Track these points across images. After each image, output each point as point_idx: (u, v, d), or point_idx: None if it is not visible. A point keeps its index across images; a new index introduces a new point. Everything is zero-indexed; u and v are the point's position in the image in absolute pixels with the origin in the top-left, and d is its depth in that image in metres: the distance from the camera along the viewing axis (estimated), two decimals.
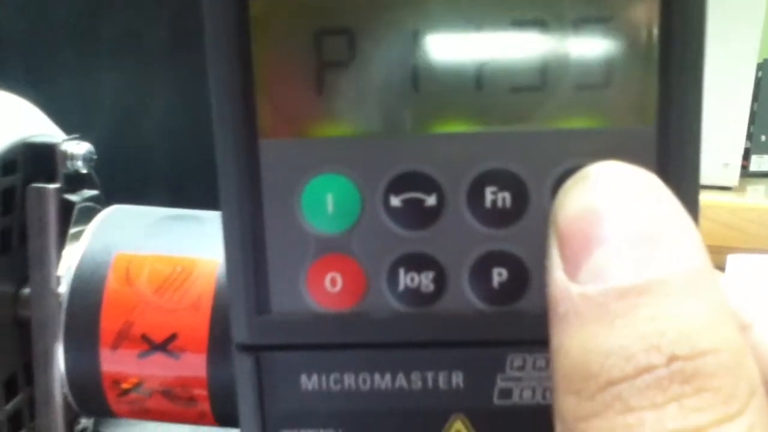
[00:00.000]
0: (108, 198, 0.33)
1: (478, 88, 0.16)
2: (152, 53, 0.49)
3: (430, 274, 0.16)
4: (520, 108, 0.16)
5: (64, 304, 0.27)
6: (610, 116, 0.16)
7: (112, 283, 0.27)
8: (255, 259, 0.16)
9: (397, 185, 0.16)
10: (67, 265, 0.28)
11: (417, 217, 0.16)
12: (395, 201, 0.16)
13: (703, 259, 0.13)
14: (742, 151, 1.02)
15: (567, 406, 0.13)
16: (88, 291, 0.27)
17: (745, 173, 1.07)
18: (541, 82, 0.16)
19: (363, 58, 0.16)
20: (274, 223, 0.16)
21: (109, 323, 0.27)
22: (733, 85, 0.99)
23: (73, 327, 0.27)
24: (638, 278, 0.12)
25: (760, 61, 1.04)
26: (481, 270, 0.16)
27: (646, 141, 0.15)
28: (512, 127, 0.16)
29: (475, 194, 0.16)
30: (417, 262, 0.16)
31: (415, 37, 0.16)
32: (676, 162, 0.15)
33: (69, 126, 0.34)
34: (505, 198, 0.16)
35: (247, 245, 0.16)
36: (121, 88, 0.50)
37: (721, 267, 0.83)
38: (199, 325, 0.26)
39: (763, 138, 1.10)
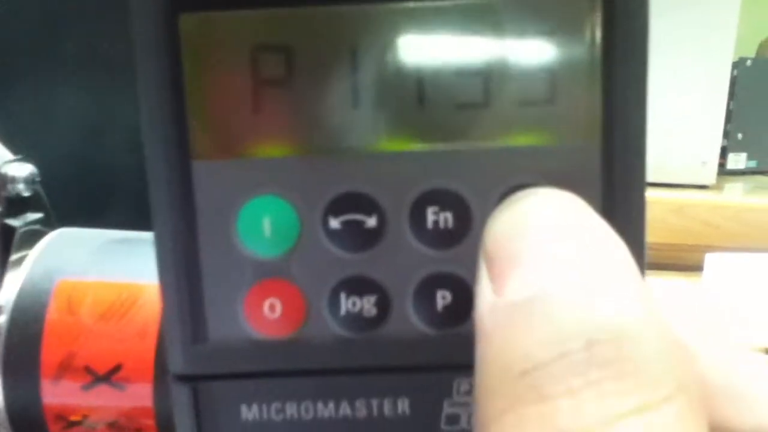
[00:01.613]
0: (70, 218, 0.32)
1: (419, 105, 0.15)
2: (112, 68, 0.48)
3: (373, 298, 0.16)
4: (463, 125, 0.15)
5: (3, 335, 0.26)
6: (554, 133, 0.15)
7: (53, 313, 0.26)
8: (190, 285, 0.15)
9: (336, 207, 0.15)
10: (6, 294, 0.27)
11: (357, 239, 0.15)
12: (334, 223, 0.15)
13: (630, 269, 0.12)
14: (719, 150, 1.02)
15: (481, 408, 0.12)
16: (28, 321, 0.26)
17: (723, 171, 1.07)
18: (483, 99, 0.15)
19: (301, 75, 0.15)
20: (209, 248, 0.15)
21: (50, 354, 0.26)
22: (710, 84, 0.99)
23: (13, 359, 0.26)
24: (560, 282, 0.12)
25: (736, 59, 1.05)
26: (424, 293, 0.16)
27: (591, 157, 0.15)
28: (455, 145, 0.15)
29: (417, 215, 0.15)
30: (358, 285, 0.16)
31: (355, 54, 0.15)
32: (620, 177, 0.15)
33: (28, 144, 0.33)
34: (447, 218, 0.15)
35: (181, 271, 0.15)
36: (81, 104, 0.49)
37: (699, 266, 0.83)
38: (145, 354, 0.25)
39: (740, 136, 1.10)
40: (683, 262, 0.87)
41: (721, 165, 1.06)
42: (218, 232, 0.15)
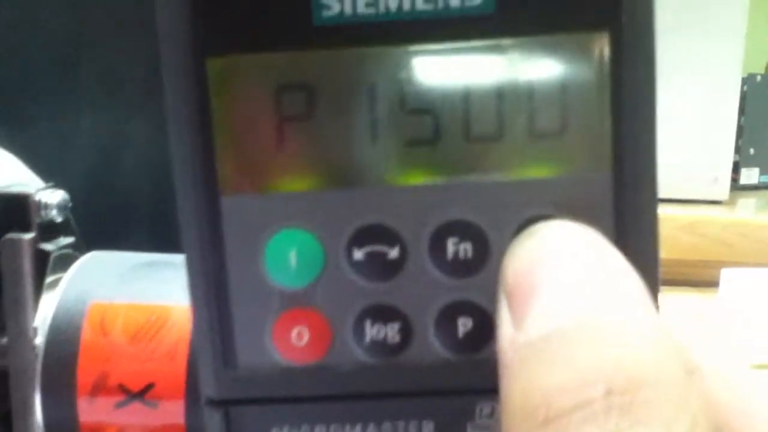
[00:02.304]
0: (88, 241, 0.33)
1: (435, 139, 0.16)
2: (131, 94, 0.49)
3: (396, 325, 0.16)
4: (478, 158, 0.16)
5: (41, 355, 0.27)
6: (566, 164, 0.16)
7: (87, 334, 0.27)
8: (220, 314, 0.16)
9: (360, 238, 0.16)
10: (42, 316, 0.28)
11: (380, 269, 0.16)
12: (358, 254, 0.16)
13: (644, 301, 0.13)
14: (731, 165, 1.03)
15: None
16: (64, 342, 0.27)
17: (735, 187, 1.07)
18: (497, 133, 0.16)
19: (322, 113, 0.16)
20: (238, 279, 0.16)
21: (85, 374, 0.27)
22: (720, 100, 1.00)
23: (51, 378, 0.27)
24: (578, 320, 0.13)
25: (745, 75, 1.05)
26: (445, 320, 0.16)
27: (603, 186, 0.16)
28: (470, 178, 0.16)
29: (437, 246, 0.16)
30: (382, 313, 0.16)
31: (372, 92, 0.16)
32: (632, 205, 0.16)
33: (47, 168, 0.34)
34: (466, 248, 0.16)
35: (212, 301, 0.16)
36: (100, 130, 0.50)
37: (712, 282, 0.83)
38: (176, 373, 0.26)
39: (752, 151, 1.10)
40: (696, 278, 0.87)
41: (734, 180, 1.06)
42: (246, 264, 0.16)
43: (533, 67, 0.16)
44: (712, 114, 1.00)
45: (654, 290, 0.14)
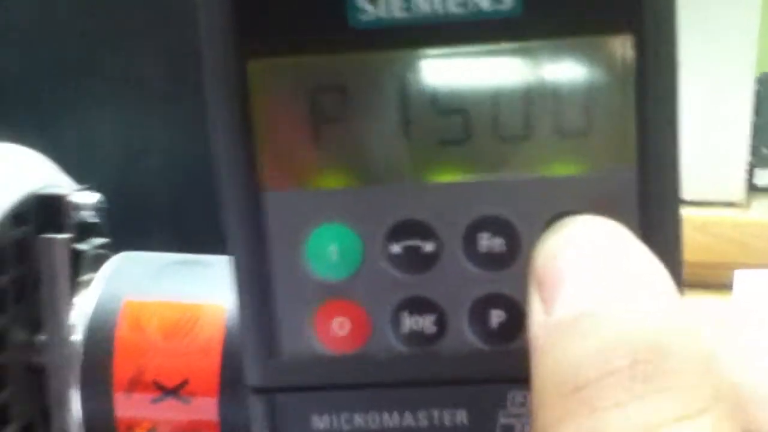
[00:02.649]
0: (111, 240, 0.33)
1: (466, 138, 0.16)
2: (153, 96, 0.50)
3: (431, 317, 0.17)
4: (508, 157, 0.16)
5: (78, 352, 0.28)
6: (592, 162, 0.16)
7: (122, 331, 0.28)
8: (264, 306, 0.17)
9: (397, 233, 0.17)
10: (78, 313, 0.29)
11: (416, 262, 0.17)
12: (395, 248, 0.17)
13: (668, 288, 0.14)
14: (745, 166, 1.02)
15: (538, 419, 0.13)
16: (100, 338, 0.28)
17: (750, 188, 1.07)
18: (526, 132, 0.16)
19: (358, 113, 0.16)
20: (280, 272, 0.17)
21: (121, 370, 0.27)
22: (733, 101, 0.99)
23: (89, 374, 0.28)
24: (605, 303, 0.13)
25: (758, 75, 1.05)
26: (479, 312, 0.17)
27: (628, 183, 0.16)
28: (501, 175, 0.16)
29: (470, 240, 0.17)
30: (418, 305, 0.17)
31: (405, 94, 0.16)
32: (656, 201, 0.16)
33: (71, 169, 0.35)
34: (498, 243, 0.16)
35: (256, 293, 0.17)
36: (122, 131, 0.51)
37: (726, 283, 0.83)
38: (210, 369, 0.27)
39: (766, 151, 1.10)
40: (710, 280, 0.86)
41: (748, 181, 1.06)
42: (288, 258, 0.17)
43: (560, 69, 0.16)
44: (725, 114, 1.00)
45: (677, 281, 0.14)
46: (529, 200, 0.16)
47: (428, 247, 0.17)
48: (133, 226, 0.35)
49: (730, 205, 1.00)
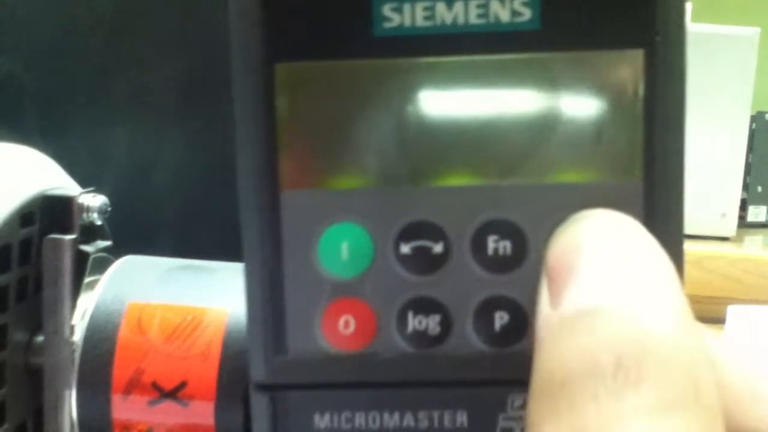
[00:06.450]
0: (117, 248, 0.34)
1: (477, 144, 0.17)
2: (163, 109, 0.50)
3: (437, 317, 0.17)
4: (518, 163, 0.17)
5: (78, 352, 0.28)
6: (600, 171, 0.17)
7: (124, 332, 0.28)
8: (274, 301, 0.17)
9: (407, 234, 0.17)
10: (80, 314, 0.29)
11: (425, 263, 0.17)
12: (405, 248, 0.17)
13: (673, 286, 0.14)
14: (739, 202, 1.03)
15: (530, 412, 0.14)
16: (102, 339, 0.28)
17: (743, 224, 1.08)
18: (536, 141, 0.17)
19: (376, 116, 0.17)
20: (292, 268, 0.17)
21: (121, 370, 0.27)
22: (729, 138, 1.01)
23: (87, 374, 0.28)
24: (609, 300, 0.14)
25: (754, 113, 1.07)
26: (484, 314, 0.17)
27: (633, 194, 0.17)
28: (511, 181, 0.17)
29: (479, 243, 0.17)
30: (424, 305, 0.17)
31: (420, 100, 0.17)
32: (661, 212, 0.17)
33: (81, 177, 0.35)
34: (506, 246, 0.17)
35: (267, 289, 0.17)
36: (131, 142, 0.51)
37: (719, 318, 0.83)
38: (208, 373, 0.27)
39: (760, 189, 1.11)
40: (703, 314, 0.86)
41: (741, 218, 1.07)
42: (301, 255, 0.17)
43: (572, 81, 0.17)
44: (720, 151, 1.01)
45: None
46: (537, 205, 0.17)
47: (437, 248, 0.17)
48: (136, 235, 0.36)
49: (723, 240, 1.01)
